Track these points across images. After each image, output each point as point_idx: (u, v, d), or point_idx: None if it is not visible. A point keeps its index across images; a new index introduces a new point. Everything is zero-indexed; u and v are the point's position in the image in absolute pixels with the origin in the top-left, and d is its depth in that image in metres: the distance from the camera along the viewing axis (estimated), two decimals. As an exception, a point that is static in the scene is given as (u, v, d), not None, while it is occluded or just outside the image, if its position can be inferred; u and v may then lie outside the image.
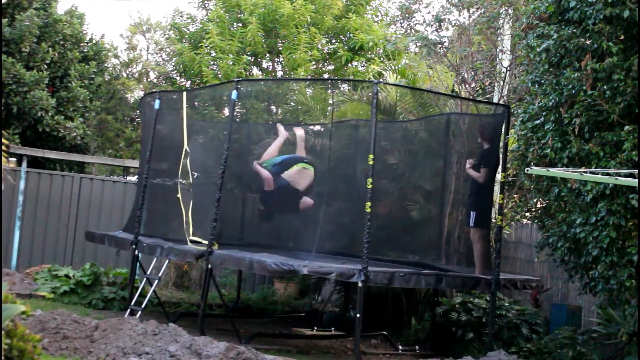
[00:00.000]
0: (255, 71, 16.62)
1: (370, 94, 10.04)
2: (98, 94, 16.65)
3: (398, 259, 9.81)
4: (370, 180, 7.95)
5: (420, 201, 10.14)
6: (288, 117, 13.88)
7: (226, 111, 13.39)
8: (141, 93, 20.32)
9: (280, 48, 15.60)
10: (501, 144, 8.94)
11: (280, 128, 10.46)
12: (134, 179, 15.32)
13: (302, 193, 9.96)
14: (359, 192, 8.81)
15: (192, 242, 9.43)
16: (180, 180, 10.01)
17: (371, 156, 8.00)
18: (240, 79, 12.53)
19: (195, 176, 9.86)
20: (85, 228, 12.93)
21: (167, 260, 10.78)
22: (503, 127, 8.90)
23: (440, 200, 9.97)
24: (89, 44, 16.37)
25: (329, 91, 12.19)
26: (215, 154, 10.34)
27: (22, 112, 13.73)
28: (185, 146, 9.80)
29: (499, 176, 9.13)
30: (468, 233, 9.09)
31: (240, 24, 15.75)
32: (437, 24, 11.39)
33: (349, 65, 15.60)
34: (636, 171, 6.21)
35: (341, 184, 10.82)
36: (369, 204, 7.92)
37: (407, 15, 12.30)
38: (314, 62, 15.47)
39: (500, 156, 8.95)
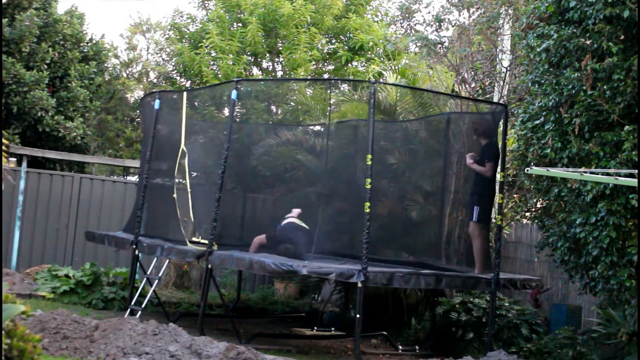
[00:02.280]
0: (255, 71, 16.62)
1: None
2: (98, 94, 16.65)
3: (398, 259, 9.80)
4: (368, 180, 7.93)
5: (420, 201, 10.14)
6: (288, 117, 13.88)
7: (226, 111, 13.40)
8: (141, 93, 20.31)
9: (280, 48, 15.60)
10: (499, 143, 8.93)
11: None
12: (134, 179, 15.32)
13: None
14: (359, 192, 8.80)
15: (193, 242, 9.43)
16: (179, 180, 10.00)
17: (369, 156, 7.98)
18: (240, 78, 12.52)
19: (193, 176, 9.83)
20: (85, 228, 12.92)
21: (167, 261, 10.78)
22: (500, 125, 8.89)
23: (440, 200, 9.96)
24: (89, 44, 16.37)
25: (329, 91, 12.19)
26: (215, 154, 10.34)
27: (22, 112, 13.72)
28: (182, 146, 9.79)
29: (498, 176, 9.13)
30: (468, 233, 9.06)
31: (240, 24, 15.75)
32: (437, 24, 11.39)
33: (349, 65, 15.60)
34: (636, 171, 6.21)
35: (341, 184, 10.82)
36: (368, 204, 7.91)
37: (407, 15, 12.29)
38: (314, 62, 15.47)
39: (500, 155, 8.94)
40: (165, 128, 10.86)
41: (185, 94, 10.34)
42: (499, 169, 8.96)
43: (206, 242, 8.98)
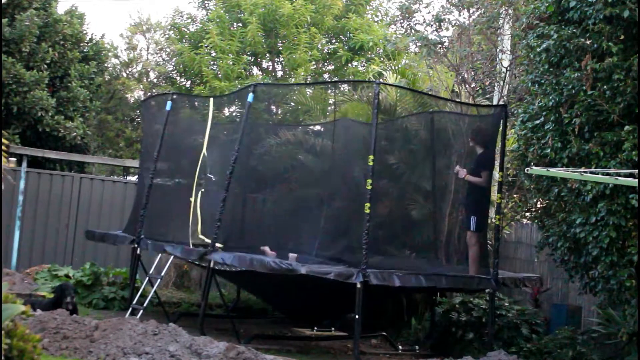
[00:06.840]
0: (255, 71, 16.62)
1: (370, 94, 10.04)
2: (98, 94, 16.65)
3: (398, 258, 9.78)
4: (369, 181, 7.91)
5: (420, 201, 10.12)
6: (288, 117, 13.86)
7: (226, 111, 13.42)
8: (141, 93, 20.33)
9: (280, 48, 15.60)
10: (499, 143, 8.92)
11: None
12: (134, 179, 15.31)
13: None
14: (359, 193, 8.79)
15: (195, 244, 9.41)
16: (198, 182, 9.99)
17: (371, 157, 7.97)
18: (258, 82, 12.44)
19: (212, 179, 9.87)
20: (85, 228, 12.92)
21: (169, 261, 10.77)
22: (500, 126, 8.87)
23: (440, 200, 9.94)
24: (89, 44, 16.37)
25: (329, 91, 12.18)
26: (216, 155, 10.32)
27: (22, 112, 13.72)
28: (204, 150, 9.78)
29: (497, 175, 9.13)
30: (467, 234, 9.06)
31: (240, 24, 15.76)
32: (437, 24, 11.40)
33: (349, 65, 15.60)
34: (636, 171, 6.21)
35: (341, 184, 10.80)
36: (368, 205, 7.89)
37: (407, 15, 12.30)
38: (314, 62, 15.47)
39: (498, 156, 8.93)
40: (169, 129, 10.86)
41: (212, 99, 10.36)
42: (498, 169, 8.97)
43: (209, 241, 8.96)
